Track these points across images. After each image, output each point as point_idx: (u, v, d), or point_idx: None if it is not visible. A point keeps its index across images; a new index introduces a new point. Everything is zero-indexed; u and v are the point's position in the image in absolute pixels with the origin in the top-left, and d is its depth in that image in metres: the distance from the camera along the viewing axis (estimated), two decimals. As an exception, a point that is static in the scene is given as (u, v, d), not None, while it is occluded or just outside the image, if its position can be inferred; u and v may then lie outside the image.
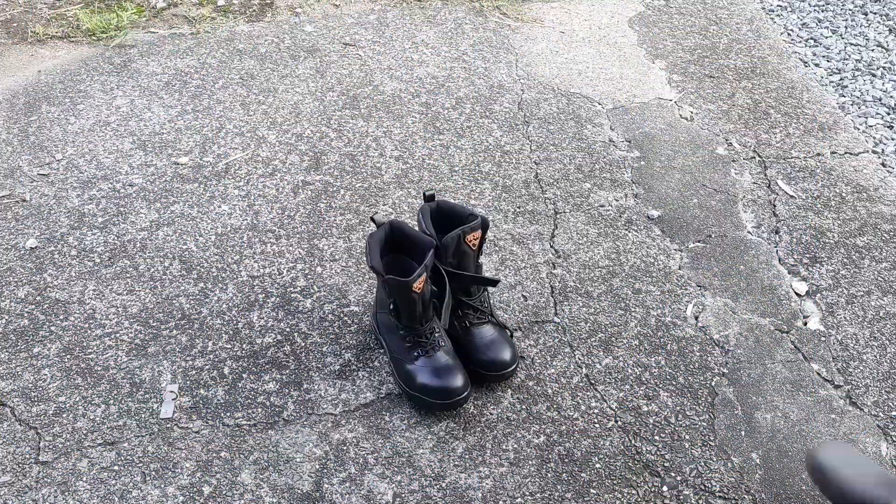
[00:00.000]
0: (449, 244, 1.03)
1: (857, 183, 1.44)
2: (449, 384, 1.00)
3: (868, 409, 1.05)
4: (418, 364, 1.02)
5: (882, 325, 1.17)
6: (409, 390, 1.02)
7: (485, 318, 1.08)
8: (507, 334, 1.08)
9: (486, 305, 1.09)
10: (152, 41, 1.80)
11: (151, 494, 0.93)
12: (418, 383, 1.01)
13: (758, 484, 0.96)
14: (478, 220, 1.03)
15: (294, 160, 1.45)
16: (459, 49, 1.78)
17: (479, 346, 1.05)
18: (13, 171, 1.42)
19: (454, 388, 1.00)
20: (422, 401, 1.01)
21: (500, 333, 1.07)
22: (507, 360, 1.04)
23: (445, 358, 1.02)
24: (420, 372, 1.01)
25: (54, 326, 1.13)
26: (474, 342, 1.06)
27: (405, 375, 1.03)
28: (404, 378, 1.03)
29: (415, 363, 1.02)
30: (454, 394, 1.00)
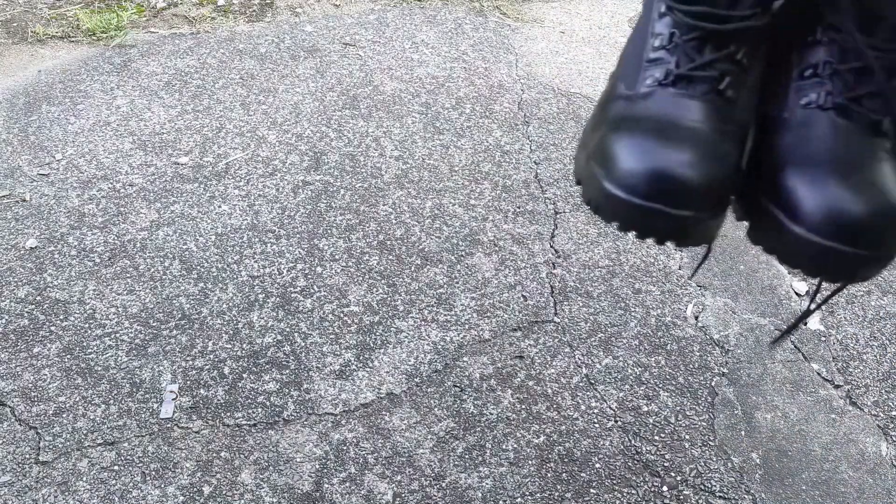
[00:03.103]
0: None
1: (857, 183, 1.44)
2: (670, 165, 0.50)
3: (868, 409, 1.05)
4: (638, 100, 0.56)
5: (882, 324, 1.17)
6: (584, 153, 0.56)
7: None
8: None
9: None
10: (152, 41, 1.80)
11: (151, 494, 0.93)
12: (604, 137, 0.54)
13: (758, 484, 0.96)
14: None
15: (294, 160, 1.45)
16: (459, 49, 1.78)
17: (801, 157, 0.53)
18: (13, 171, 1.42)
19: (676, 174, 0.50)
20: (590, 181, 0.55)
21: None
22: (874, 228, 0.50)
23: (698, 109, 0.54)
24: (628, 119, 0.55)
25: (54, 326, 1.13)
26: (789, 142, 0.55)
27: (602, 121, 0.57)
28: (597, 118, 0.58)
29: (637, 93, 0.56)
30: (670, 187, 0.50)
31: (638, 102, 0.56)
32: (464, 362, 1.09)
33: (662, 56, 0.56)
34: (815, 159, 0.52)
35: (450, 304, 1.17)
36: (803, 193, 0.51)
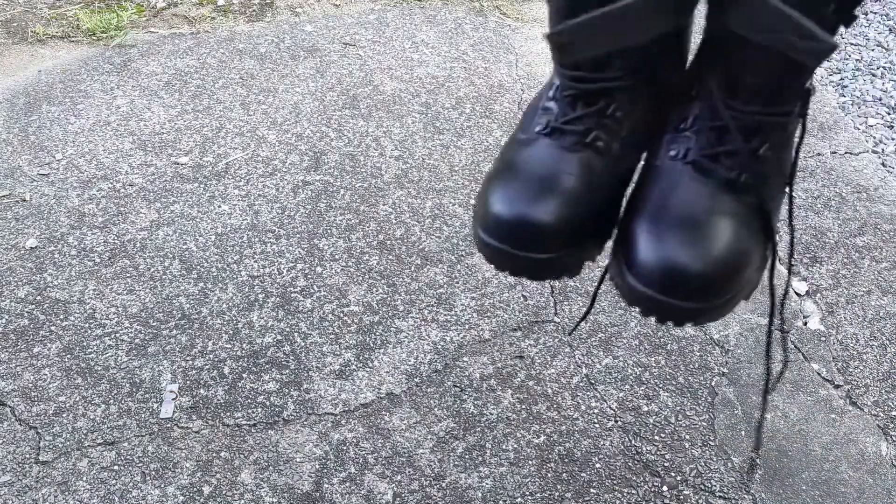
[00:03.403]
0: None
1: (858, 183, 1.44)
2: (521, 211, 0.56)
3: (868, 409, 1.05)
4: (524, 145, 0.60)
5: (882, 324, 1.17)
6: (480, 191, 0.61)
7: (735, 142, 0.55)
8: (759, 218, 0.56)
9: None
10: (152, 41, 1.80)
11: (151, 494, 0.93)
12: (487, 182, 0.60)
13: (758, 483, 0.96)
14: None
15: (294, 160, 1.45)
16: (459, 49, 1.78)
17: (651, 208, 0.56)
18: (13, 171, 1.42)
19: (525, 219, 0.55)
20: (475, 220, 0.61)
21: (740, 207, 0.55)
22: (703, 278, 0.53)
23: (563, 159, 0.58)
24: (509, 164, 0.60)
25: (54, 326, 1.13)
26: (648, 192, 0.57)
27: (498, 159, 0.63)
28: (494, 164, 0.63)
29: (527, 137, 0.61)
30: (518, 232, 0.56)
31: (524, 148, 0.60)
32: (464, 362, 1.09)
33: (551, 106, 0.61)
34: (661, 211, 0.55)
35: (450, 303, 1.17)
36: (640, 244, 0.54)
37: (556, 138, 0.59)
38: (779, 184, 0.57)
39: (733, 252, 0.53)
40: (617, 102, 0.59)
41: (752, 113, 0.53)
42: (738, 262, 0.54)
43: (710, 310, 0.54)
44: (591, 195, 0.58)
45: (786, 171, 0.58)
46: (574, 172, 0.58)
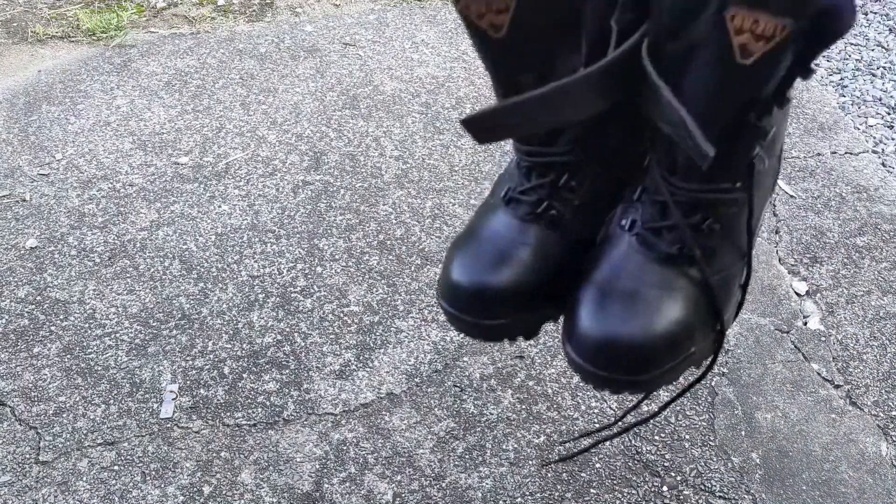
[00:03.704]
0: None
1: (858, 183, 1.44)
2: (473, 279, 0.58)
3: (868, 409, 1.05)
4: (489, 211, 0.63)
5: (882, 324, 1.17)
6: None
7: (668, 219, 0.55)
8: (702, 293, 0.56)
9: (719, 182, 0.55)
10: (152, 41, 1.80)
11: (151, 494, 0.93)
12: (451, 247, 0.63)
13: (758, 484, 0.96)
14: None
15: (294, 160, 1.45)
16: (460, 49, 1.78)
17: (595, 278, 0.56)
18: (13, 171, 1.42)
19: (476, 288, 0.58)
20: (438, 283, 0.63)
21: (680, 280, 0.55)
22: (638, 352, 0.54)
23: (517, 228, 0.60)
24: (470, 231, 0.62)
25: (54, 326, 1.13)
26: (596, 260, 0.58)
27: (468, 222, 0.65)
28: (465, 227, 0.65)
29: (493, 202, 0.63)
30: (461, 299, 0.59)
31: (487, 214, 0.64)
32: (464, 362, 1.09)
33: (513, 174, 0.63)
34: (603, 281, 0.56)
35: (450, 304, 1.17)
36: (579, 313, 0.56)
37: (512, 207, 0.61)
38: (732, 255, 0.57)
39: (668, 326, 0.54)
40: (569, 174, 0.60)
41: (689, 190, 0.53)
42: (673, 337, 0.54)
43: (644, 382, 0.55)
44: (544, 264, 0.60)
45: (739, 242, 0.57)
46: (527, 242, 0.60)
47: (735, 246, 0.57)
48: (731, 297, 0.60)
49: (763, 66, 0.45)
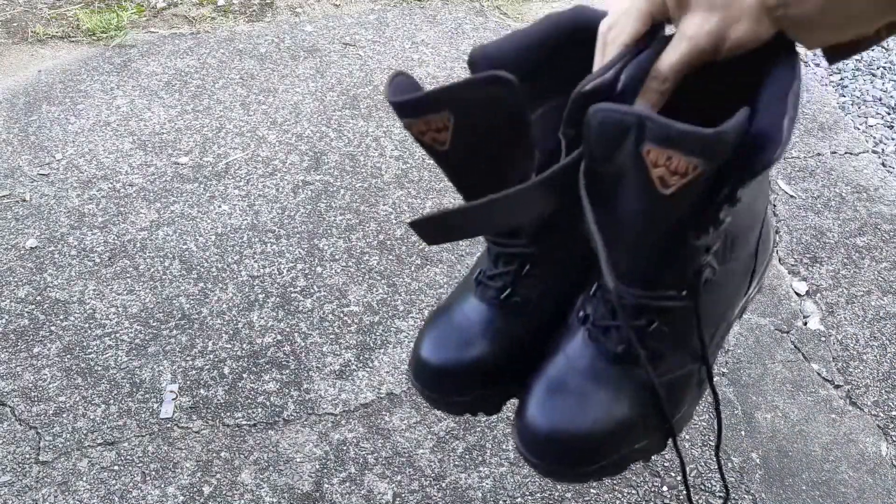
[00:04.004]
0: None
1: (858, 183, 1.44)
2: (435, 357, 0.62)
3: (868, 409, 1.05)
4: (465, 289, 0.65)
5: (882, 324, 1.17)
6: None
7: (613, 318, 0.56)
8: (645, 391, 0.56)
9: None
10: (152, 41, 1.80)
11: (151, 494, 0.93)
12: (426, 321, 0.67)
13: (758, 484, 0.96)
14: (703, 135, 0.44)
15: (294, 160, 1.45)
16: (460, 49, 1.78)
17: (546, 366, 0.58)
18: (13, 171, 1.42)
19: (437, 366, 0.62)
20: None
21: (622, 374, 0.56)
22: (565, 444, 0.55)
23: (483, 311, 0.62)
24: (444, 308, 0.66)
25: (54, 326, 1.13)
26: (552, 348, 0.60)
27: (447, 297, 0.69)
28: (443, 301, 0.68)
29: (469, 280, 0.66)
30: (426, 376, 0.63)
31: (462, 292, 0.66)
32: (464, 362, 1.09)
33: (485, 257, 0.65)
34: (552, 371, 0.58)
35: (450, 304, 1.17)
36: (525, 400, 0.57)
37: (481, 290, 0.64)
38: (682, 358, 0.57)
39: (610, 424, 0.55)
40: (531, 265, 0.62)
41: (633, 294, 0.54)
42: (613, 434, 0.55)
43: (584, 475, 0.57)
44: (507, 346, 0.62)
45: (691, 345, 0.57)
46: (491, 325, 0.62)
47: (686, 350, 0.57)
48: (682, 398, 0.60)
49: (684, 196, 0.45)
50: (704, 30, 0.45)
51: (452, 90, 0.51)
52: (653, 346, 0.55)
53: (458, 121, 0.52)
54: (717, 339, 0.62)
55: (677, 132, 0.42)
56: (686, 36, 0.46)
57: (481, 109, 0.52)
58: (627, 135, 0.44)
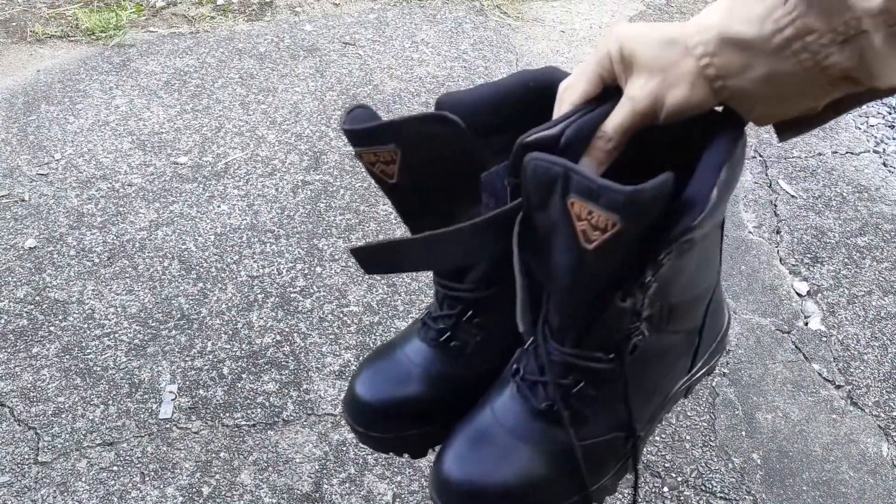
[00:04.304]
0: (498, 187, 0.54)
1: (859, 183, 1.44)
2: (364, 392, 0.63)
3: (869, 410, 1.05)
4: (414, 324, 0.67)
5: (883, 325, 1.17)
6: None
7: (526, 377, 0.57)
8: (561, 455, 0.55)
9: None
10: (151, 40, 1.80)
11: (151, 495, 0.92)
12: (364, 359, 0.69)
13: (759, 484, 0.96)
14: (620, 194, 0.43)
15: (294, 160, 1.44)
16: (460, 48, 1.78)
17: (473, 415, 0.58)
18: (12, 171, 1.41)
19: (365, 400, 0.63)
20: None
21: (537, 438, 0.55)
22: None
23: (422, 352, 0.63)
24: (390, 342, 0.69)
25: (53, 326, 1.13)
26: (483, 398, 0.59)
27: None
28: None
29: (416, 321, 0.67)
30: (355, 409, 0.63)
31: (410, 329, 0.67)
32: (464, 362, 1.09)
33: (434, 298, 0.66)
34: (476, 420, 0.58)
35: (450, 304, 1.17)
36: (445, 445, 0.58)
37: (424, 330, 0.65)
38: (608, 425, 0.56)
39: (521, 480, 0.54)
40: (473, 311, 0.62)
41: (562, 352, 0.54)
42: (524, 491, 0.55)
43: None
44: (436, 390, 0.63)
45: (616, 412, 0.56)
46: (425, 367, 0.63)
47: (612, 416, 0.56)
48: (605, 467, 0.58)
49: (605, 253, 0.46)
50: (643, 92, 0.46)
51: (398, 124, 0.53)
52: (577, 407, 0.54)
53: (405, 155, 0.54)
54: (649, 411, 0.60)
55: (597, 186, 0.43)
56: (628, 97, 0.47)
57: (427, 146, 0.54)
58: (556, 185, 0.44)
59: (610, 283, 0.49)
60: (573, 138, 0.48)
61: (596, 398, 0.54)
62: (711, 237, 0.55)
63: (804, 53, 0.40)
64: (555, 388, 0.53)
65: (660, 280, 0.50)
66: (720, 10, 0.43)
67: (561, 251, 0.48)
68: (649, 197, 0.43)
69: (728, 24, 0.42)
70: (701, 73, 0.43)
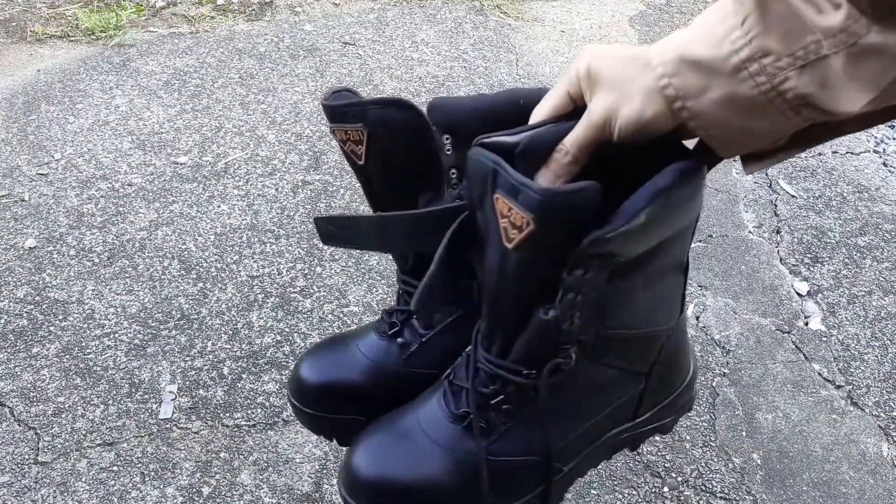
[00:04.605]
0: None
1: (859, 182, 1.44)
2: (300, 363, 0.67)
3: (869, 410, 1.05)
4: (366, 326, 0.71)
5: (883, 325, 1.17)
6: None
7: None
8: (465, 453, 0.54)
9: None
10: (151, 40, 1.80)
11: (151, 495, 0.92)
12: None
13: (759, 485, 0.96)
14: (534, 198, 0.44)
15: (293, 159, 1.44)
16: (460, 48, 1.78)
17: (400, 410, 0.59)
18: (12, 171, 1.41)
19: (300, 374, 0.66)
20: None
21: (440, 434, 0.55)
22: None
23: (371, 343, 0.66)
24: (344, 333, 0.73)
25: (53, 326, 1.13)
26: (419, 395, 0.60)
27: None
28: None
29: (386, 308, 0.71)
30: (295, 383, 0.66)
31: (373, 323, 0.69)
32: (464, 362, 1.09)
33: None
34: (398, 416, 0.59)
35: (450, 304, 1.17)
36: (360, 435, 0.58)
37: (380, 322, 0.67)
38: (522, 446, 0.55)
39: (420, 483, 0.54)
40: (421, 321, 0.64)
41: (487, 360, 0.53)
42: (421, 496, 0.55)
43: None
44: (377, 382, 0.65)
45: (530, 434, 0.54)
46: (369, 357, 0.65)
47: (528, 438, 0.54)
48: (513, 491, 0.56)
49: (523, 255, 0.45)
50: (599, 105, 0.45)
51: (364, 105, 0.56)
52: (493, 420, 0.53)
53: (371, 137, 0.57)
54: (576, 447, 0.57)
55: (518, 183, 0.42)
56: (587, 111, 0.47)
57: (390, 130, 0.57)
58: (487, 180, 0.45)
59: (530, 290, 0.48)
60: (530, 148, 0.48)
61: (513, 413, 0.53)
62: (669, 278, 0.54)
63: (761, 76, 0.39)
64: (474, 395, 0.53)
65: (590, 302, 0.48)
66: (685, 31, 0.42)
67: (491, 250, 0.48)
68: (565, 200, 0.42)
69: (688, 45, 0.41)
70: (658, 91, 0.43)
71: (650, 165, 0.46)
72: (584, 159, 0.47)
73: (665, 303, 0.55)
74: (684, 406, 0.64)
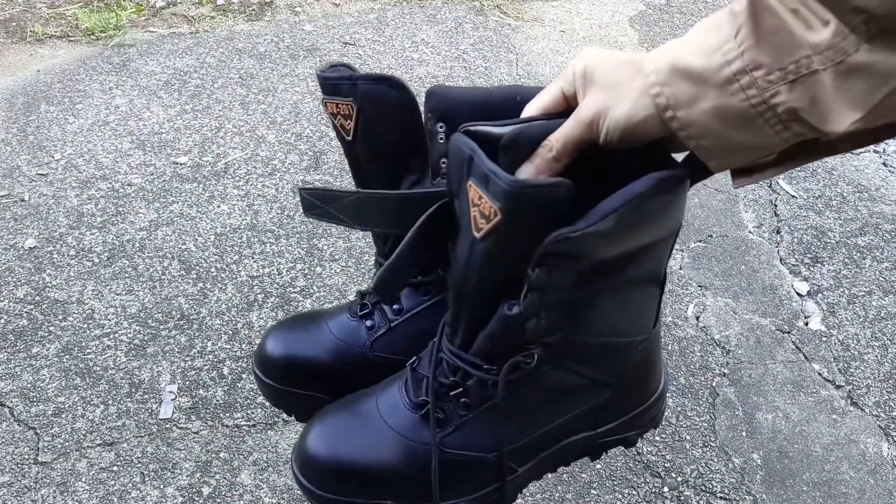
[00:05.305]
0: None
1: (859, 182, 1.44)
2: (267, 334, 0.68)
3: (869, 410, 1.05)
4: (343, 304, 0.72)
5: (883, 325, 1.17)
6: None
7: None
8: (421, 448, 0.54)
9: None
10: (151, 40, 1.80)
11: (150, 495, 0.92)
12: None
13: (759, 485, 0.96)
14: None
15: (293, 160, 1.44)
16: (460, 48, 1.78)
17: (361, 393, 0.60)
18: (12, 171, 1.41)
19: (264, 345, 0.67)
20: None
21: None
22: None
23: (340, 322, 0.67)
24: (316, 311, 0.75)
25: (53, 326, 1.13)
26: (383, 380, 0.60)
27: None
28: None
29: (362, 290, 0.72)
30: (259, 353, 0.67)
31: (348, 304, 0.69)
32: (464, 363, 1.09)
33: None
34: (358, 397, 0.59)
35: (450, 304, 1.17)
36: (318, 415, 0.58)
37: (353, 303, 0.67)
38: (477, 444, 0.54)
39: (369, 465, 0.54)
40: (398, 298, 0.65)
41: (450, 350, 0.53)
42: (367, 477, 0.55)
43: (329, 502, 0.56)
44: (342, 360, 0.65)
45: (484, 433, 0.53)
46: (335, 334, 0.65)
47: (483, 434, 0.53)
48: (463, 485, 0.55)
49: (489, 245, 0.45)
50: (589, 103, 0.45)
51: (351, 79, 0.57)
52: (449, 412, 0.53)
53: (360, 112, 0.58)
54: (532, 449, 0.56)
55: (488, 171, 0.42)
56: (577, 110, 0.46)
57: (380, 108, 0.58)
58: (463, 166, 0.45)
59: (496, 283, 0.48)
60: (516, 140, 0.47)
61: (470, 407, 0.53)
62: (643, 289, 0.53)
63: (751, 89, 0.39)
64: (434, 384, 0.53)
65: (558, 304, 0.48)
66: (680, 39, 0.42)
67: (462, 238, 0.47)
68: (534, 193, 0.42)
69: (681, 54, 0.41)
70: (648, 95, 0.42)
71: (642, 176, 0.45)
72: (569, 158, 0.47)
73: (636, 314, 0.54)
74: (651, 422, 0.62)
